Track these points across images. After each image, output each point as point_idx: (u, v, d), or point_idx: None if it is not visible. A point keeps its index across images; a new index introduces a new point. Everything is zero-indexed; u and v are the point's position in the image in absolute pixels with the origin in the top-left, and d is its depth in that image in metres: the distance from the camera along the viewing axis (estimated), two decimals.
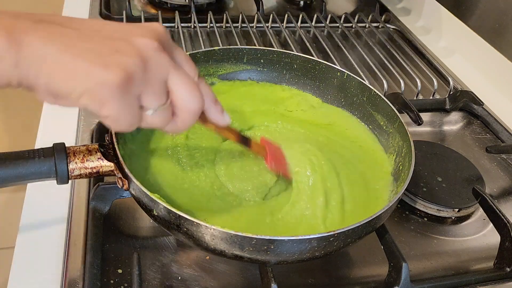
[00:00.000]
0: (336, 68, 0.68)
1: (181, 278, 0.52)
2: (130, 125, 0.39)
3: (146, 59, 0.38)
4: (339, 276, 0.55)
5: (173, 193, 0.53)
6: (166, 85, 0.40)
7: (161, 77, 0.39)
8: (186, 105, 0.41)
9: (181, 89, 0.40)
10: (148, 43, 0.38)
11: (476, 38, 0.97)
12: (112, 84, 0.36)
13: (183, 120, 0.41)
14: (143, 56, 0.37)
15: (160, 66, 0.39)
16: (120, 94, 0.36)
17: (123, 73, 0.36)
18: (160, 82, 0.39)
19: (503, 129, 0.80)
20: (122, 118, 0.38)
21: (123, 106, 0.37)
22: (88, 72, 0.36)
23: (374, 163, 0.62)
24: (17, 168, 0.48)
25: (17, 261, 0.52)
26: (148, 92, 0.38)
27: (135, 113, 0.39)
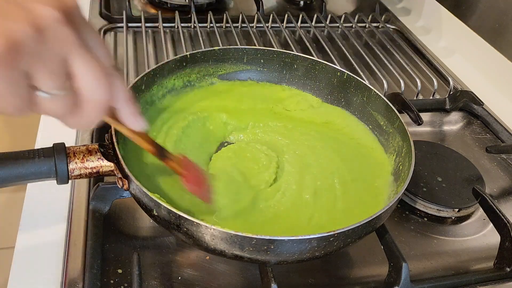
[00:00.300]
0: (336, 68, 0.68)
1: (181, 278, 0.52)
2: (14, 108, 0.33)
3: (42, 29, 0.32)
4: (339, 276, 0.55)
5: (173, 192, 0.53)
6: (67, 66, 0.34)
7: (60, 54, 0.33)
8: (90, 94, 0.35)
9: (85, 73, 0.34)
10: (49, 12, 0.32)
11: (476, 38, 0.97)
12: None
13: (87, 111, 0.35)
14: (39, 25, 0.31)
15: (59, 40, 0.33)
16: (1, 66, 0.30)
17: (5, 40, 0.30)
18: (57, 59, 0.33)
19: (503, 129, 0.80)
20: (4, 98, 0.32)
21: (4, 82, 0.31)
22: None
23: (373, 163, 0.62)
24: (17, 168, 0.48)
25: (17, 261, 0.52)
26: (40, 69, 0.32)
27: (22, 93, 0.33)
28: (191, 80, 0.68)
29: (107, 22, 0.96)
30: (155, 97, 0.64)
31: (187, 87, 0.68)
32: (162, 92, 0.65)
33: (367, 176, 0.60)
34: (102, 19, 0.97)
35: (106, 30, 0.94)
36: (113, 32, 0.95)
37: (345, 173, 0.59)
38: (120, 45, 0.90)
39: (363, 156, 0.63)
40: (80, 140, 0.67)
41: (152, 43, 0.93)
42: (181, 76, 0.67)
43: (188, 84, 0.68)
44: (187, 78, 0.68)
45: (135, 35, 0.94)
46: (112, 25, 0.96)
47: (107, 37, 0.93)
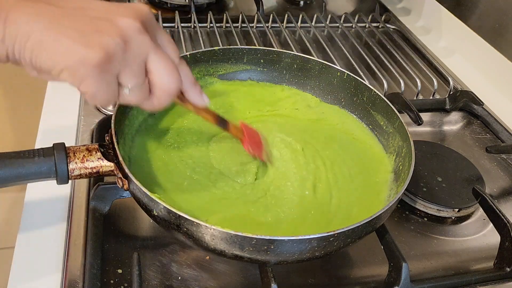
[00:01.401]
0: (336, 68, 0.68)
1: (181, 278, 0.52)
2: (107, 101, 0.41)
3: (127, 40, 0.39)
4: (339, 276, 0.55)
5: (173, 192, 0.53)
6: (145, 65, 0.41)
7: (141, 57, 0.40)
8: (163, 84, 0.42)
9: (159, 69, 0.42)
10: (130, 24, 0.39)
11: (476, 38, 0.97)
12: (92, 62, 0.37)
13: (159, 98, 0.43)
14: (124, 36, 0.39)
15: (140, 47, 0.40)
16: (99, 72, 0.38)
17: (103, 52, 0.37)
18: (139, 62, 0.40)
19: (503, 129, 0.80)
20: (100, 95, 0.40)
21: (101, 83, 0.39)
22: (69, 49, 0.37)
23: (373, 163, 0.62)
24: (17, 168, 0.48)
25: (17, 261, 0.52)
26: (126, 71, 0.40)
27: (112, 90, 0.40)
28: None
29: None
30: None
31: None
32: None
33: (366, 176, 0.60)
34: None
35: None
36: None
37: (343, 174, 0.59)
38: None
39: (360, 150, 0.63)
40: (80, 140, 0.67)
41: None
42: None
43: None
44: None
45: None
46: None
47: None
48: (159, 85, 0.42)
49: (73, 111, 0.72)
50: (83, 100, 0.73)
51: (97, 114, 0.71)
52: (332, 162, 0.61)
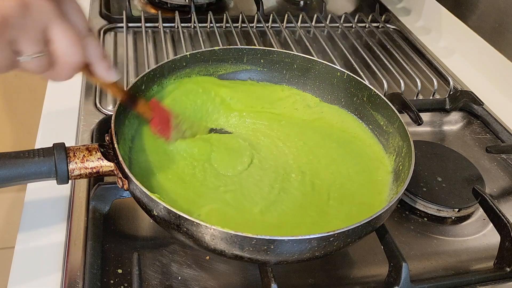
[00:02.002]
0: (336, 68, 0.68)
1: (181, 278, 0.52)
2: (1, 68, 0.39)
3: (26, 4, 0.37)
4: (339, 276, 0.55)
5: (173, 192, 0.53)
6: (46, 34, 0.39)
7: (40, 25, 0.39)
8: (64, 57, 0.41)
9: (60, 40, 0.40)
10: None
11: (476, 38, 0.97)
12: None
13: (62, 70, 0.42)
14: (23, 0, 0.37)
15: (41, 13, 0.38)
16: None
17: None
18: (38, 29, 0.39)
19: (503, 129, 0.80)
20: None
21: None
22: None
23: (373, 162, 0.62)
24: (17, 168, 0.48)
25: (17, 261, 0.52)
26: (24, 38, 0.38)
27: (6, 56, 0.39)
28: (191, 80, 0.68)
29: (107, 22, 0.96)
30: (155, 96, 0.64)
31: None
32: (162, 92, 0.65)
33: (364, 170, 0.60)
34: (102, 19, 0.97)
35: (106, 30, 0.94)
36: (113, 32, 0.95)
37: (342, 174, 0.59)
38: (120, 45, 0.90)
39: (359, 149, 0.63)
40: (80, 140, 0.67)
41: (152, 43, 0.93)
42: (181, 76, 0.67)
43: None
44: (187, 78, 0.68)
45: (135, 35, 0.94)
46: (112, 25, 0.96)
47: (107, 37, 0.93)
48: (60, 56, 0.41)
49: (73, 111, 0.72)
50: (83, 100, 0.73)
51: (97, 114, 0.71)
52: (330, 160, 0.61)
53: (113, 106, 0.73)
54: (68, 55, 0.41)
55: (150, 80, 0.62)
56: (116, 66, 0.84)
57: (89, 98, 0.74)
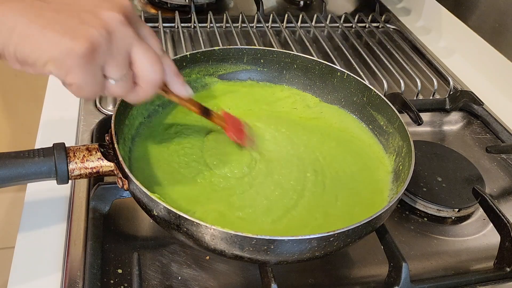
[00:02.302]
0: (336, 68, 0.68)
1: (181, 278, 0.52)
2: (93, 93, 0.42)
3: (111, 31, 0.40)
4: (339, 276, 0.55)
5: (173, 192, 0.53)
6: (129, 57, 0.42)
7: (125, 48, 0.41)
8: (146, 75, 0.43)
9: (142, 60, 0.43)
10: (114, 16, 0.40)
11: (476, 38, 0.97)
12: (77, 53, 0.38)
13: (144, 89, 0.44)
14: (108, 28, 0.40)
15: (124, 38, 0.41)
16: (84, 63, 0.39)
17: (88, 43, 0.38)
18: (123, 53, 0.41)
19: (503, 129, 0.80)
20: (86, 86, 0.40)
21: (86, 74, 0.40)
22: (54, 41, 0.38)
23: (373, 161, 0.62)
24: (17, 168, 0.48)
25: (17, 261, 0.52)
26: (111, 62, 0.41)
27: (98, 82, 0.41)
28: (191, 80, 0.68)
29: None
30: (155, 96, 0.64)
31: None
32: None
33: (365, 176, 0.60)
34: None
35: None
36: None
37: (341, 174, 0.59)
38: None
39: (359, 148, 0.63)
40: (80, 140, 0.67)
41: None
42: None
43: (188, 84, 0.68)
44: (187, 78, 0.68)
45: None
46: None
47: None
48: (143, 76, 0.43)
49: (73, 111, 0.72)
50: (83, 100, 0.73)
51: (97, 114, 0.71)
52: (332, 158, 0.61)
53: (113, 106, 0.73)
54: (150, 74, 0.43)
55: None
56: None
57: None
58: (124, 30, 0.41)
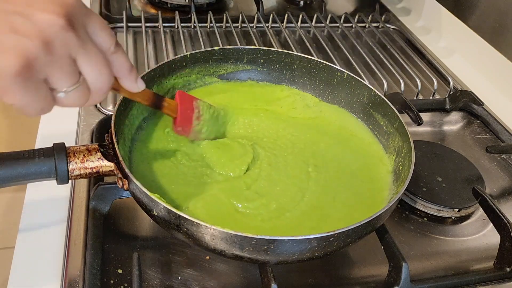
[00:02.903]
0: (336, 68, 0.68)
1: (181, 278, 0.52)
2: (41, 110, 0.37)
3: (49, 41, 0.34)
4: (339, 276, 0.55)
5: (173, 192, 0.53)
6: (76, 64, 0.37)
7: (67, 57, 0.36)
8: (94, 83, 0.39)
9: (88, 69, 0.38)
10: (51, 21, 0.35)
11: (476, 38, 0.97)
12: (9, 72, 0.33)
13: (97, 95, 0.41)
14: (45, 37, 0.34)
15: (65, 46, 0.36)
16: (21, 81, 0.34)
17: (20, 59, 0.33)
18: (67, 62, 0.36)
19: (503, 129, 0.80)
20: (30, 105, 0.36)
21: (26, 93, 0.35)
22: None
23: (373, 160, 0.62)
24: (17, 168, 0.48)
25: (17, 261, 0.52)
26: (55, 74, 0.36)
27: (43, 97, 0.37)
28: (191, 80, 0.68)
29: (107, 22, 0.95)
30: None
31: (187, 87, 0.68)
32: (163, 92, 0.65)
33: (365, 176, 0.60)
34: None
35: None
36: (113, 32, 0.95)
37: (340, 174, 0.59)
38: None
39: (358, 147, 0.64)
40: (80, 140, 0.67)
41: (152, 43, 0.93)
42: (181, 76, 0.67)
43: (188, 84, 0.68)
44: (187, 78, 0.68)
45: (135, 35, 0.94)
46: (112, 25, 0.96)
47: None
48: (91, 84, 0.39)
49: (73, 111, 0.72)
50: None
51: (97, 114, 0.71)
52: (332, 156, 0.61)
53: (113, 106, 0.73)
54: (98, 82, 0.39)
55: (150, 80, 0.62)
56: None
57: None
58: (64, 36, 0.35)
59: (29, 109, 0.37)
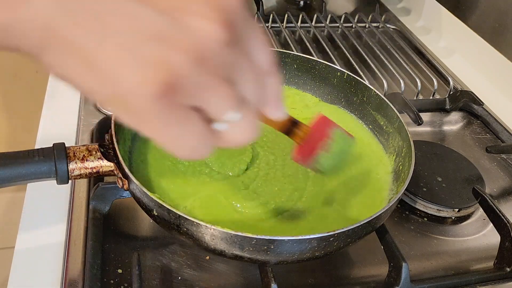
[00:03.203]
0: (336, 68, 0.68)
1: (181, 278, 0.52)
2: (195, 149, 0.28)
3: (204, 56, 0.26)
4: (339, 276, 0.55)
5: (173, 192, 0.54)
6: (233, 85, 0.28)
7: (226, 78, 0.27)
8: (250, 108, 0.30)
9: (247, 94, 0.29)
10: (210, 30, 0.26)
11: (476, 38, 0.97)
12: (147, 92, 0.25)
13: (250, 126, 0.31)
14: (199, 50, 0.26)
15: (224, 64, 0.27)
16: (163, 106, 0.26)
17: (164, 75, 0.25)
18: (225, 84, 0.27)
19: (503, 129, 0.80)
20: (177, 140, 0.27)
21: (171, 123, 0.26)
22: (114, 70, 0.25)
23: (372, 160, 0.62)
24: (17, 168, 0.48)
25: (17, 261, 0.52)
26: (208, 99, 0.27)
27: (197, 131, 0.28)
28: None
29: None
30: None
31: None
32: None
33: (365, 176, 0.60)
34: None
35: None
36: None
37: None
38: None
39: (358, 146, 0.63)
40: (80, 140, 0.67)
41: None
42: None
43: None
44: None
45: None
46: None
47: None
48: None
49: (73, 111, 0.72)
50: (83, 100, 0.73)
51: (97, 114, 0.71)
52: None
53: None
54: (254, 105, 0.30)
55: None
56: None
57: None
58: (223, 52, 0.26)
59: (177, 147, 0.28)
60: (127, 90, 0.25)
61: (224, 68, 0.27)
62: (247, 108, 0.29)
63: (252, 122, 0.30)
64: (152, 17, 0.25)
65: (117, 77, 0.25)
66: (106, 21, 0.25)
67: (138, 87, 0.25)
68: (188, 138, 0.28)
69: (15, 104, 1.61)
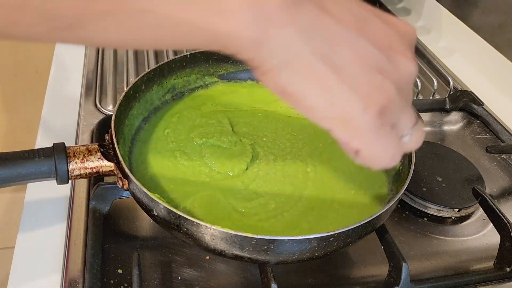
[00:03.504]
0: None
1: (181, 278, 0.52)
2: (392, 158, 0.36)
3: (402, 86, 0.34)
4: (339, 276, 0.55)
5: (173, 192, 0.54)
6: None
7: (410, 99, 0.36)
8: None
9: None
10: (411, 71, 0.34)
11: (476, 38, 0.97)
12: (369, 114, 0.32)
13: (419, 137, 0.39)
14: (402, 82, 0.34)
15: (410, 91, 0.36)
16: (376, 126, 0.33)
17: (382, 101, 0.33)
18: (409, 105, 0.36)
19: (503, 129, 0.80)
20: (381, 153, 0.35)
21: (379, 139, 0.34)
22: (346, 95, 0.32)
23: None
24: (17, 168, 0.48)
25: (17, 261, 0.52)
26: (401, 118, 0.35)
27: (395, 144, 0.35)
28: (191, 80, 0.68)
29: None
30: (155, 96, 0.64)
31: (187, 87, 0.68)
32: (163, 92, 0.65)
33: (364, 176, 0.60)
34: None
35: None
36: None
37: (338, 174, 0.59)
38: None
39: None
40: (80, 140, 0.67)
41: None
42: (181, 76, 0.67)
43: (188, 84, 0.68)
44: (187, 78, 0.68)
45: None
46: None
47: None
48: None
49: (73, 111, 0.72)
50: (83, 100, 0.73)
51: (97, 114, 0.71)
52: (329, 155, 0.61)
53: (113, 106, 0.73)
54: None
55: (150, 80, 0.62)
56: (116, 66, 0.84)
57: (89, 98, 0.74)
58: (412, 83, 0.35)
59: (381, 156, 0.35)
60: (354, 111, 0.32)
61: (410, 92, 0.36)
62: (419, 123, 0.37)
63: (422, 132, 0.38)
64: (372, 51, 0.33)
65: (348, 100, 0.32)
66: (337, 51, 0.31)
67: (365, 109, 0.32)
68: (391, 149, 0.35)
69: (15, 104, 1.61)
